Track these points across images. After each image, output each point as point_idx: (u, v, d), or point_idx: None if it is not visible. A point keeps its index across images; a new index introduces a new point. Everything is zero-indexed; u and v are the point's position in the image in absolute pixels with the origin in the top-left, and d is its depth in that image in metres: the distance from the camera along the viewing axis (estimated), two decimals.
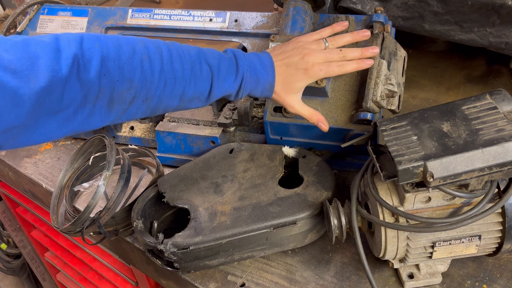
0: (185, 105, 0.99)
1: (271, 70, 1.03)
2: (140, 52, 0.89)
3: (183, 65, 0.93)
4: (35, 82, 0.77)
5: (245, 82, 1.00)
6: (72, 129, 0.87)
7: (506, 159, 0.81)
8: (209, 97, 1.00)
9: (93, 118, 0.88)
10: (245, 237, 1.05)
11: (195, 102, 1.00)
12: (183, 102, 0.97)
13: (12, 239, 2.49)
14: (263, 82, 1.03)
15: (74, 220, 1.18)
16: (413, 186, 0.89)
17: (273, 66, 1.03)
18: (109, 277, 1.70)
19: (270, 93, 1.05)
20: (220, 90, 0.99)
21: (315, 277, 1.08)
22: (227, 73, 0.99)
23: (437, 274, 1.03)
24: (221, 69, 0.98)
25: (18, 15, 1.51)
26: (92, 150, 1.41)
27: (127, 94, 0.88)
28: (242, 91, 1.02)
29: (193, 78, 0.95)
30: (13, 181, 1.68)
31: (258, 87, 1.03)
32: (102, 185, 1.18)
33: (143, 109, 0.93)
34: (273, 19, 1.33)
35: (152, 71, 0.89)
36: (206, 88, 0.97)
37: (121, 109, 0.91)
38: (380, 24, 1.18)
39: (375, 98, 1.11)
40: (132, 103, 0.90)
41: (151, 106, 0.93)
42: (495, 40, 1.34)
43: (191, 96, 0.97)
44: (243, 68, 1.00)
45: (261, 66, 1.02)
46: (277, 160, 1.22)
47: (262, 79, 1.02)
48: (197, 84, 0.96)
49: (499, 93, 0.92)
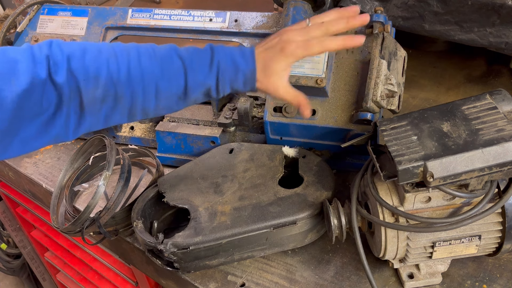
0: (165, 104, 0.96)
1: (250, 57, 0.97)
2: (106, 52, 0.90)
3: (152, 62, 0.92)
4: (16, 84, 0.79)
5: (222, 72, 0.95)
6: (52, 135, 0.89)
7: (506, 159, 0.81)
8: (186, 92, 0.95)
9: (71, 121, 0.89)
10: (245, 237, 1.05)
11: (174, 100, 0.96)
12: (160, 100, 0.94)
13: (12, 239, 2.49)
14: (242, 70, 0.96)
15: (74, 220, 1.18)
16: (413, 186, 0.89)
17: (253, 54, 0.97)
18: (109, 277, 1.70)
19: (253, 83, 0.98)
20: (196, 83, 0.94)
21: (315, 277, 1.08)
22: (200, 64, 0.94)
23: (437, 274, 1.03)
24: (194, 61, 0.94)
25: (18, 15, 1.51)
26: (92, 150, 1.41)
27: (96, 93, 0.87)
28: (221, 83, 0.96)
29: (165, 74, 0.92)
30: (13, 181, 1.68)
31: (238, 77, 0.96)
32: (102, 185, 1.18)
33: (119, 109, 0.92)
34: (273, 19, 1.33)
35: (118, 69, 0.89)
36: (181, 83, 0.94)
37: (95, 109, 0.90)
38: (380, 24, 1.18)
39: (375, 98, 1.11)
40: (104, 102, 0.89)
41: (126, 107, 0.92)
42: (495, 40, 1.34)
43: (166, 94, 0.94)
44: (218, 57, 0.95)
45: (241, 55, 0.97)
46: (277, 160, 1.22)
47: (241, 66, 0.96)
48: (171, 80, 0.93)
49: (499, 93, 0.92)
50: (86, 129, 0.92)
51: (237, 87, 0.99)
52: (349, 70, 1.22)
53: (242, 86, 0.99)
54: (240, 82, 0.97)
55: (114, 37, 1.44)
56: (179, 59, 0.94)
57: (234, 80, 0.97)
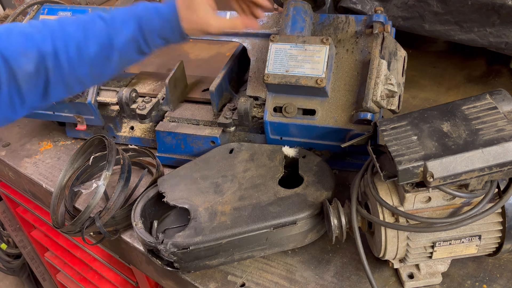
0: (97, 70, 1.00)
1: (170, 1, 1.01)
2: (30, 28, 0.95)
3: (75, 27, 0.97)
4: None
5: (145, 22, 0.99)
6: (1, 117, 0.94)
7: (506, 159, 0.81)
8: (114, 51, 0.98)
9: (14, 100, 0.93)
10: (245, 237, 1.05)
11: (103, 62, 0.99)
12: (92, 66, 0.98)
13: (12, 239, 2.49)
14: (164, 14, 1.00)
15: (74, 220, 1.18)
16: (413, 186, 0.89)
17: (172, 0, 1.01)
18: (109, 277, 1.70)
19: (180, 26, 1.01)
20: (121, 39, 0.98)
21: (315, 277, 1.08)
22: (122, 20, 0.99)
23: (437, 274, 1.03)
24: (116, 18, 0.99)
25: (18, 15, 1.51)
26: (92, 150, 1.41)
27: (27, 68, 0.91)
28: (147, 33, 0.99)
29: (88, 36, 0.96)
30: (13, 181, 1.68)
31: (163, 24, 1.00)
32: (102, 185, 1.18)
33: (53, 81, 0.95)
34: (273, 19, 1.33)
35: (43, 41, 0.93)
36: (105, 42, 0.97)
37: (32, 84, 0.93)
38: (380, 24, 1.18)
39: (375, 98, 1.11)
40: (38, 76, 0.93)
41: (59, 76, 0.96)
42: (495, 40, 1.34)
43: (95, 57, 0.97)
44: (138, 9, 1.00)
45: (162, 3, 1.01)
46: (277, 160, 1.22)
47: (162, 10, 1.00)
48: (96, 42, 0.97)
49: (499, 93, 0.92)
50: (30, 105, 0.96)
51: (166, 34, 1.01)
52: (349, 70, 1.22)
53: (170, 32, 1.01)
54: (167, 28, 1.00)
55: None
56: (101, 19, 0.98)
57: (160, 27, 1.00)
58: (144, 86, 1.55)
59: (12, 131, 1.75)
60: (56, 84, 0.97)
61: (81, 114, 1.48)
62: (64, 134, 1.66)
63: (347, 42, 1.24)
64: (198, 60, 2.07)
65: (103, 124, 1.51)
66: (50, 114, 1.53)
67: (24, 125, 1.77)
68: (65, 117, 1.53)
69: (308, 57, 1.18)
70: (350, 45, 1.24)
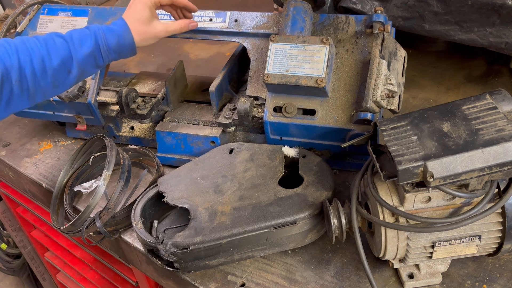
0: (59, 81, 1.10)
1: (120, 20, 1.19)
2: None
3: (37, 44, 1.07)
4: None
5: (100, 36, 1.14)
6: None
7: (506, 159, 0.81)
8: (74, 64, 1.11)
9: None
10: (245, 237, 1.05)
11: (65, 75, 1.11)
12: (54, 77, 1.09)
13: (12, 239, 2.50)
14: (117, 29, 1.16)
15: (74, 220, 1.18)
16: (413, 186, 0.89)
17: (121, 17, 1.20)
18: (109, 277, 1.70)
19: (131, 35, 1.18)
20: (79, 53, 1.11)
21: (315, 277, 1.08)
22: (79, 37, 1.12)
23: (437, 274, 1.03)
24: (74, 36, 1.12)
25: (18, 15, 1.51)
26: (92, 150, 1.41)
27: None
28: (102, 48, 1.14)
29: (50, 51, 1.08)
30: (13, 181, 1.68)
31: (117, 38, 1.16)
32: (102, 185, 1.18)
33: (17, 92, 1.04)
34: (273, 19, 1.33)
35: (9, 56, 1.02)
36: (67, 55, 1.10)
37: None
38: (380, 24, 1.18)
39: (375, 98, 1.11)
40: (2, 88, 1.02)
41: (24, 89, 1.05)
42: (495, 40, 1.34)
43: (57, 69, 1.08)
44: (94, 28, 1.15)
45: (112, 23, 1.18)
46: (277, 160, 1.22)
47: (115, 28, 1.17)
48: (58, 56, 1.08)
49: (499, 93, 0.92)
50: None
51: (120, 49, 1.17)
52: (349, 70, 1.22)
53: (124, 46, 1.17)
54: (121, 44, 1.17)
55: None
56: (60, 37, 1.11)
57: (115, 43, 1.16)
58: (144, 86, 1.55)
59: (12, 131, 1.75)
60: (19, 95, 1.05)
61: (81, 114, 1.48)
62: (64, 134, 1.66)
63: (347, 42, 1.24)
64: (198, 60, 2.07)
65: (103, 124, 1.51)
66: (50, 114, 1.53)
67: (24, 125, 1.77)
68: (65, 117, 1.53)
69: (308, 57, 1.18)
70: (350, 45, 1.24)
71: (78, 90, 1.37)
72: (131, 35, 1.18)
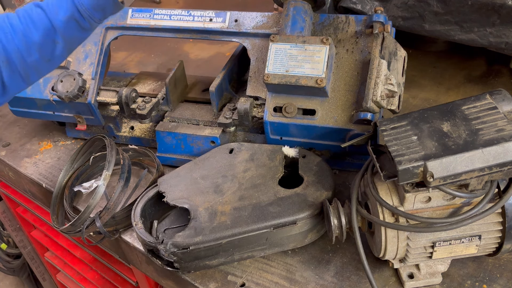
0: (46, 54, 1.05)
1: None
2: None
3: (16, 20, 1.03)
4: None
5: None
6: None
7: (506, 159, 0.81)
8: (57, 33, 1.05)
9: None
10: (245, 237, 1.05)
11: (51, 46, 1.06)
12: (41, 51, 1.04)
13: (12, 239, 2.50)
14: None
15: (74, 220, 1.18)
16: (413, 186, 0.89)
17: None
18: (109, 277, 1.70)
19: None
20: (60, 19, 1.04)
21: (315, 277, 1.08)
22: (56, 2, 1.05)
23: (437, 274, 1.03)
24: (49, 2, 1.05)
25: None
26: (92, 150, 1.41)
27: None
28: (81, 6, 1.05)
29: (28, 23, 1.03)
30: (13, 181, 1.68)
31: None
32: (102, 185, 1.18)
33: (8, 70, 1.01)
34: (273, 19, 1.33)
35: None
36: (47, 24, 1.04)
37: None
38: (380, 24, 1.18)
39: (375, 98, 1.11)
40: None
41: (15, 65, 1.02)
42: (495, 40, 1.34)
43: (40, 42, 1.03)
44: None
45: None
46: (277, 160, 1.22)
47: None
48: (37, 28, 1.03)
49: (499, 93, 0.92)
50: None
51: (100, 3, 1.07)
52: (349, 70, 1.22)
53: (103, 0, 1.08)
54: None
55: (114, 37, 1.44)
56: (38, 7, 1.05)
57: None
58: (144, 86, 1.55)
59: (12, 131, 1.75)
60: (11, 76, 1.02)
61: (81, 114, 1.48)
62: (64, 134, 1.66)
63: (347, 42, 1.24)
64: (198, 60, 2.07)
65: (103, 124, 1.51)
66: (50, 114, 1.53)
67: (24, 125, 1.77)
68: (65, 117, 1.53)
69: (308, 57, 1.18)
70: (350, 45, 1.24)
71: (78, 90, 1.37)
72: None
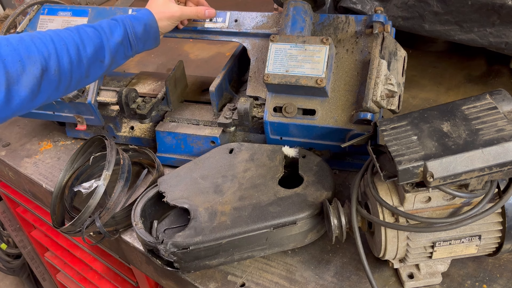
0: (93, 71, 1.11)
1: (143, 9, 1.27)
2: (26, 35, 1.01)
3: (70, 33, 1.07)
4: None
5: (128, 25, 1.17)
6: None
7: (506, 159, 0.81)
8: (105, 54, 1.12)
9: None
10: (245, 237, 1.05)
11: (98, 62, 1.12)
12: (89, 67, 1.09)
13: (12, 239, 2.49)
14: (142, 18, 1.21)
15: (74, 220, 1.18)
16: (413, 186, 0.89)
17: (144, 8, 1.28)
18: (109, 277, 1.70)
19: (156, 22, 1.24)
20: (113, 41, 1.14)
21: (315, 277, 1.08)
22: (110, 25, 1.15)
23: (437, 274, 1.03)
24: (103, 25, 1.14)
25: (18, 15, 1.51)
26: (92, 150, 1.41)
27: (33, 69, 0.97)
28: (131, 35, 1.18)
29: (84, 39, 1.08)
30: (13, 181, 1.68)
31: (144, 25, 1.21)
32: (102, 185, 1.18)
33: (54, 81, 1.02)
34: (273, 19, 1.33)
35: (46, 47, 1.01)
36: (98, 43, 1.11)
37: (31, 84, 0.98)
38: (380, 24, 1.18)
39: (375, 98, 1.11)
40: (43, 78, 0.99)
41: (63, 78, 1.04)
42: (495, 40, 1.34)
43: (90, 58, 1.09)
44: (120, 17, 1.19)
45: (137, 12, 1.25)
46: (277, 160, 1.22)
47: (140, 16, 1.22)
48: (90, 44, 1.09)
49: (499, 93, 0.92)
50: (19, 106, 0.98)
51: (146, 37, 1.21)
52: (349, 70, 1.22)
53: (149, 34, 1.22)
54: (147, 31, 1.22)
55: None
56: (90, 27, 1.12)
57: (142, 30, 1.20)
58: (144, 86, 1.55)
59: (12, 131, 1.75)
60: (56, 86, 1.03)
61: (81, 114, 1.48)
62: (64, 134, 1.66)
63: (347, 42, 1.24)
64: (198, 60, 2.07)
65: (103, 124, 1.51)
66: (50, 114, 1.53)
67: (24, 125, 1.77)
68: (65, 117, 1.53)
69: (308, 57, 1.18)
70: (350, 45, 1.24)
71: (78, 90, 1.37)
72: (155, 22, 1.24)
